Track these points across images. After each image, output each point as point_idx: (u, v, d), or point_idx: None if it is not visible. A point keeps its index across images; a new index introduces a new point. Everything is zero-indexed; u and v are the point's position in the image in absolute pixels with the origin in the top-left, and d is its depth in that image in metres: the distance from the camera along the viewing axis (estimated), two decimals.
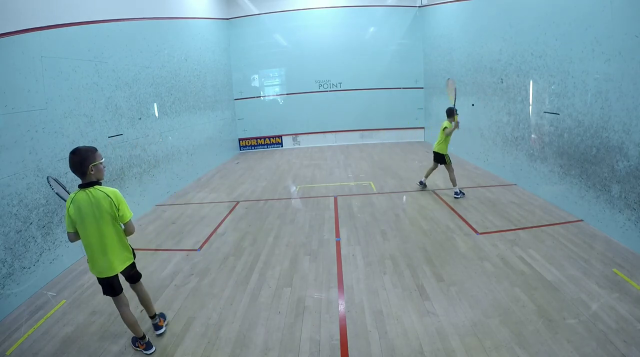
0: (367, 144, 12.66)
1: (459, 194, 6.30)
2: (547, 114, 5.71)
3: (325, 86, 12.67)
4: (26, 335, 3.29)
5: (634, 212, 4.11)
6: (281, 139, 13.05)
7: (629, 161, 4.14)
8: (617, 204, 4.36)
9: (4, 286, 3.68)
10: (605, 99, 4.47)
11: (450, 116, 6.32)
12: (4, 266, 3.71)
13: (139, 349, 2.96)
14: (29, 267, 3.99)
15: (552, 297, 3.34)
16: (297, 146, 13.04)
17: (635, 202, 4.09)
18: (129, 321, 2.91)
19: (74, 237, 2.75)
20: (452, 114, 6.28)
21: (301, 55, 12.41)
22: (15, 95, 4.01)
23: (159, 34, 7.53)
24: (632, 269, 3.68)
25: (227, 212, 6.36)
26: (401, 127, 12.80)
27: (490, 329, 2.97)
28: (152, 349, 2.96)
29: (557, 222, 5.02)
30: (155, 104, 7.22)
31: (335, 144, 12.97)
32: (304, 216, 5.89)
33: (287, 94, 12.77)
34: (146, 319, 3.35)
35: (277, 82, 12.79)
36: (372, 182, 7.66)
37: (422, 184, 6.98)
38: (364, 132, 12.96)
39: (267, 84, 12.82)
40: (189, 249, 4.94)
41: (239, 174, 9.33)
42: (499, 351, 2.73)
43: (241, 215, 6.17)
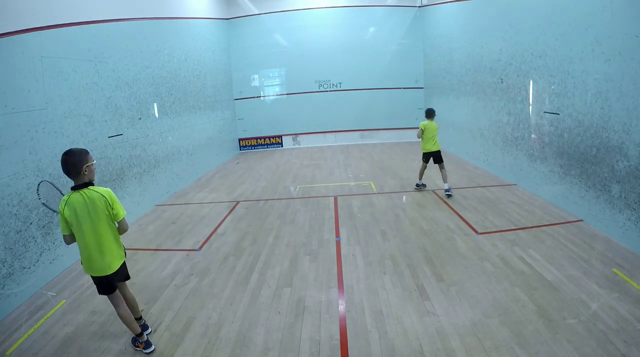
0: (367, 144, 12.66)
1: (419, 186, 6.92)
2: (547, 114, 5.71)
3: (325, 86, 12.67)
4: (26, 335, 3.28)
5: (634, 212, 4.11)
6: (281, 139, 13.05)
7: (629, 161, 4.14)
8: (617, 204, 4.36)
9: (4, 286, 3.68)
10: (605, 99, 4.47)
11: (429, 117, 6.67)
12: (4, 266, 3.71)
13: (138, 348, 2.96)
14: (29, 267, 3.99)
15: (552, 297, 3.34)
16: (297, 146, 13.04)
17: (635, 202, 4.09)
18: (127, 318, 2.92)
19: (70, 240, 2.77)
20: (431, 115, 6.66)
21: (301, 55, 12.41)
22: (15, 95, 4.01)
23: (159, 34, 7.53)
24: (632, 269, 3.68)
25: (227, 212, 6.36)
26: (401, 127, 12.79)
27: (490, 329, 2.97)
28: (152, 348, 2.96)
29: (557, 222, 5.02)
30: (155, 104, 7.22)
31: (335, 144, 12.97)
32: (304, 216, 5.89)
33: (287, 94, 12.78)
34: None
35: (277, 82, 12.80)
36: (372, 182, 7.66)
37: (419, 186, 6.97)
38: (364, 132, 12.96)
39: (267, 84, 12.82)
40: (189, 249, 4.94)
41: (239, 174, 9.33)
42: (499, 351, 2.73)
43: (241, 215, 6.17)
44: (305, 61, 12.46)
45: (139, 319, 3.19)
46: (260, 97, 12.78)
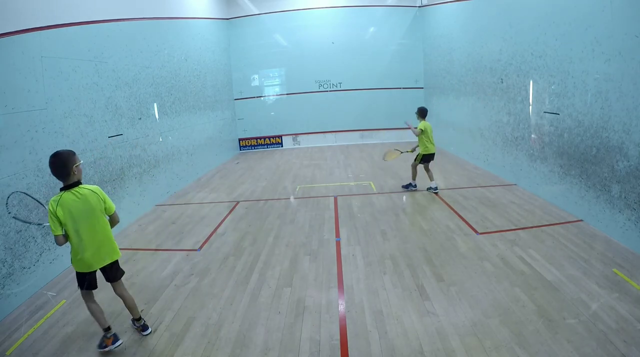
0: (367, 144, 12.66)
1: (408, 186, 6.88)
2: (547, 114, 5.71)
3: (325, 86, 12.67)
4: (26, 335, 3.28)
5: (634, 212, 4.11)
6: (281, 139, 13.05)
7: (629, 161, 4.14)
8: (617, 204, 4.36)
9: (4, 286, 3.68)
10: (605, 99, 4.47)
11: (425, 116, 6.72)
12: (4, 266, 3.71)
13: (106, 346, 2.91)
14: (29, 267, 3.99)
15: (552, 297, 3.34)
16: (297, 146, 13.04)
17: (635, 202, 4.09)
18: (96, 312, 2.97)
19: (63, 240, 2.79)
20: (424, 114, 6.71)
21: (301, 55, 12.41)
22: (15, 95, 4.00)
23: (159, 34, 7.53)
24: (632, 269, 3.68)
25: (227, 212, 6.36)
26: (401, 127, 12.64)
27: (490, 329, 2.97)
28: (119, 342, 2.96)
29: (557, 222, 5.02)
30: (155, 104, 7.22)
31: (335, 144, 12.97)
32: (304, 216, 5.89)
33: (287, 94, 12.78)
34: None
35: (277, 82, 12.80)
36: (372, 182, 7.66)
37: (431, 189, 6.67)
38: (364, 132, 12.95)
39: (267, 84, 12.82)
40: (189, 249, 4.94)
41: (239, 174, 9.33)
42: (499, 351, 2.73)
43: (241, 215, 6.17)
44: (305, 61, 12.45)
45: (139, 319, 3.18)
46: (260, 97, 12.78)
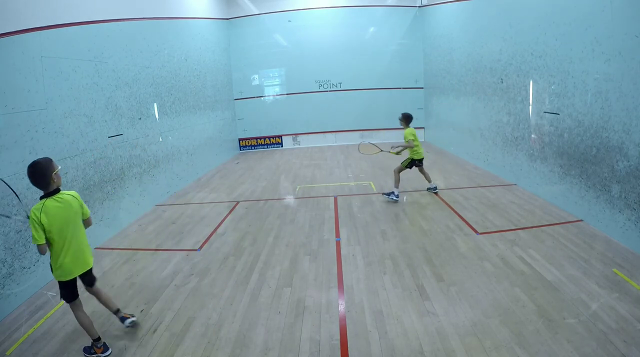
0: (367, 144, 12.64)
1: (390, 195, 6.35)
2: (547, 114, 5.71)
3: (325, 86, 12.67)
4: (26, 335, 3.29)
5: (634, 212, 4.11)
6: (281, 139, 13.05)
7: (629, 161, 4.14)
8: (617, 204, 4.36)
9: (4, 286, 3.68)
10: (605, 99, 4.47)
11: (407, 123, 6.45)
12: (4, 266, 3.71)
13: (95, 354, 2.93)
14: (29, 267, 3.99)
15: (552, 297, 3.34)
16: (297, 146, 13.04)
17: (635, 202, 4.09)
18: (86, 323, 2.96)
19: (45, 249, 2.76)
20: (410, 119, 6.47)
21: (301, 55, 12.41)
22: (15, 95, 4.01)
23: (159, 34, 7.53)
24: (632, 269, 3.68)
25: (227, 212, 6.36)
26: (401, 128, 12.71)
27: (490, 329, 2.97)
28: (109, 351, 2.97)
29: (557, 222, 5.02)
30: (155, 104, 7.22)
31: (335, 144, 12.97)
32: (304, 216, 5.89)
33: (287, 94, 12.77)
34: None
35: (277, 82, 12.80)
36: (372, 182, 7.66)
37: (430, 189, 6.69)
38: (364, 132, 12.94)
39: (267, 84, 12.82)
40: (189, 249, 4.94)
41: (239, 174, 9.33)
42: (499, 351, 2.73)
43: (241, 215, 6.17)
44: (305, 61, 12.45)
45: (117, 311, 3.23)
46: (260, 97, 12.78)
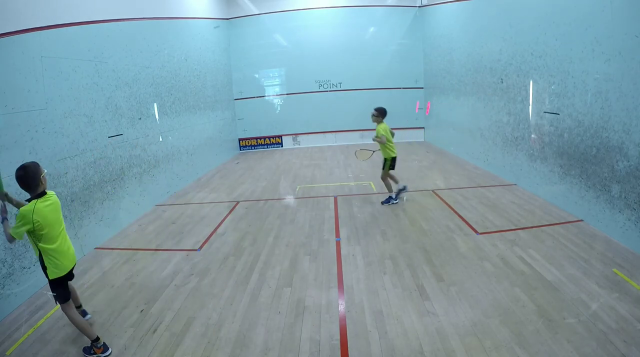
0: (367, 144, 12.62)
1: (389, 201, 6.07)
2: (547, 114, 5.71)
3: (325, 86, 12.66)
4: (26, 335, 3.29)
5: (634, 212, 4.11)
6: (281, 139, 13.05)
7: (629, 161, 4.14)
8: (617, 204, 4.36)
9: (4, 286, 3.68)
10: (605, 99, 4.47)
11: (382, 117, 6.07)
12: (4, 266, 3.71)
13: (94, 354, 2.94)
14: (29, 267, 3.99)
15: (552, 297, 3.34)
16: (297, 146, 13.04)
17: (635, 202, 4.09)
18: (82, 324, 2.98)
19: (14, 241, 2.85)
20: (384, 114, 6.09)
21: (301, 55, 12.40)
22: (15, 95, 4.00)
23: (159, 34, 7.52)
24: (632, 269, 3.68)
25: (227, 212, 6.36)
26: (401, 127, 12.70)
27: (490, 329, 2.97)
28: (109, 351, 2.99)
29: (557, 222, 5.02)
30: (155, 104, 7.22)
31: (335, 144, 12.97)
32: (304, 216, 5.89)
33: (287, 94, 12.77)
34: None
35: (277, 82, 12.80)
36: (372, 182, 7.66)
37: (399, 193, 6.24)
38: (364, 132, 12.90)
39: (267, 84, 12.82)
40: (189, 249, 4.94)
41: (239, 174, 9.33)
42: (499, 351, 2.73)
43: (241, 215, 6.17)
44: (305, 61, 12.45)
45: (79, 307, 3.35)
46: (260, 97, 12.78)
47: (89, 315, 3.19)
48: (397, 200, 6.16)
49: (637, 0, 3.97)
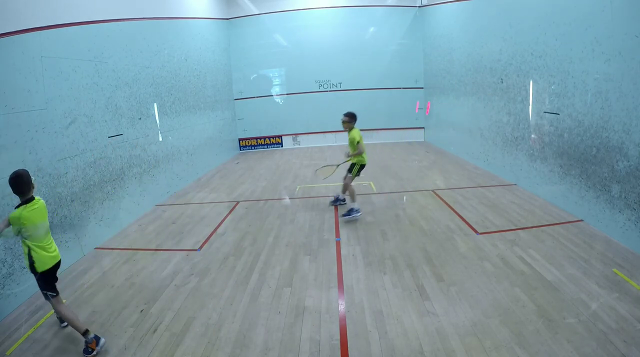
0: (367, 144, 12.62)
1: (350, 214, 5.50)
2: (547, 114, 5.71)
3: (325, 86, 12.66)
4: (26, 335, 3.29)
5: (634, 212, 4.11)
6: (281, 139, 13.05)
7: (629, 161, 4.14)
8: (617, 204, 4.36)
9: (4, 286, 3.68)
10: (605, 99, 4.47)
11: (353, 122, 5.70)
12: (4, 266, 3.71)
13: (92, 351, 2.95)
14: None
15: (552, 297, 3.34)
16: (297, 146, 13.04)
17: (635, 202, 4.09)
18: (71, 317, 3.06)
19: None
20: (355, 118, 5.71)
21: (301, 55, 12.40)
22: (15, 95, 4.00)
23: (159, 34, 7.52)
24: (632, 269, 3.68)
25: (227, 212, 6.36)
26: (401, 127, 12.79)
27: (490, 329, 2.97)
28: (102, 340, 3.04)
29: (557, 222, 5.02)
30: (155, 104, 7.22)
31: (335, 144, 12.96)
32: (304, 216, 5.89)
33: (287, 94, 12.77)
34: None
35: (277, 82, 12.80)
36: (372, 182, 7.66)
37: (339, 201, 6.23)
38: (364, 132, 12.85)
39: (268, 84, 12.81)
40: (189, 249, 4.94)
41: (239, 174, 9.33)
42: (499, 351, 2.73)
43: (241, 215, 6.17)
44: (305, 61, 12.45)
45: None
46: (260, 97, 12.78)
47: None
48: (359, 212, 5.53)
49: (637, 0, 3.97)
